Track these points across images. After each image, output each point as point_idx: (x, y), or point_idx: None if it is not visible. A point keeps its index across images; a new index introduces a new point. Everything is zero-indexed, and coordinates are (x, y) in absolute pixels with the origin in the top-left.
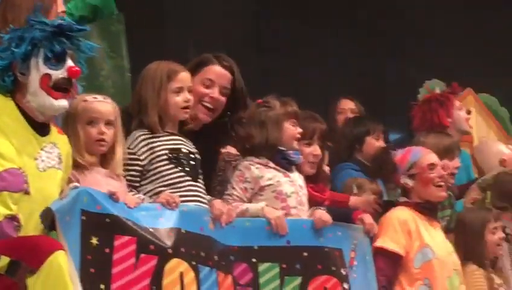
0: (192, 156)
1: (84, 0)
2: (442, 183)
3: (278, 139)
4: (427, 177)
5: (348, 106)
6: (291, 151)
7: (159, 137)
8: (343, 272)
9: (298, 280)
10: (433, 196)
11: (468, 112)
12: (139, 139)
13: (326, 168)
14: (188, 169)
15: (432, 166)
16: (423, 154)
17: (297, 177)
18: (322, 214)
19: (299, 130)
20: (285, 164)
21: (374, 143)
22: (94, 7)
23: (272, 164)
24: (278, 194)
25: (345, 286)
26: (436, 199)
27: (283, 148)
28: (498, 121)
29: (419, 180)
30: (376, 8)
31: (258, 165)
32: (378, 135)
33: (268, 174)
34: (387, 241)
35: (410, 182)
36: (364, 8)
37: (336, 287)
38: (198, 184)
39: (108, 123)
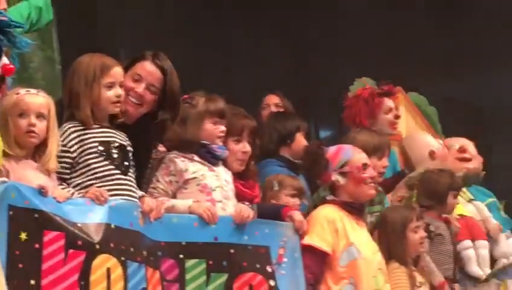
0: (124, 149)
1: (30, 2)
2: (373, 184)
3: (197, 137)
4: (359, 176)
5: (272, 101)
6: (215, 146)
7: (90, 130)
8: (268, 269)
9: (224, 277)
10: (363, 194)
11: (397, 117)
12: (69, 131)
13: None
14: (117, 163)
15: (365, 166)
16: (355, 153)
17: (222, 172)
18: (243, 208)
19: (222, 128)
20: (210, 158)
21: (302, 140)
22: (39, 10)
23: (197, 158)
24: (203, 187)
25: (271, 283)
26: (366, 197)
27: (207, 143)
28: (427, 119)
29: (351, 178)
30: (308, 5)
31: (183, 159)
32: (305, 132)
33: (193, 167)
34: (314, 239)
35: (341, 180)
36: (296, 5)
37: (261, 284)
38: (128, 178)
39: (40, 116)
